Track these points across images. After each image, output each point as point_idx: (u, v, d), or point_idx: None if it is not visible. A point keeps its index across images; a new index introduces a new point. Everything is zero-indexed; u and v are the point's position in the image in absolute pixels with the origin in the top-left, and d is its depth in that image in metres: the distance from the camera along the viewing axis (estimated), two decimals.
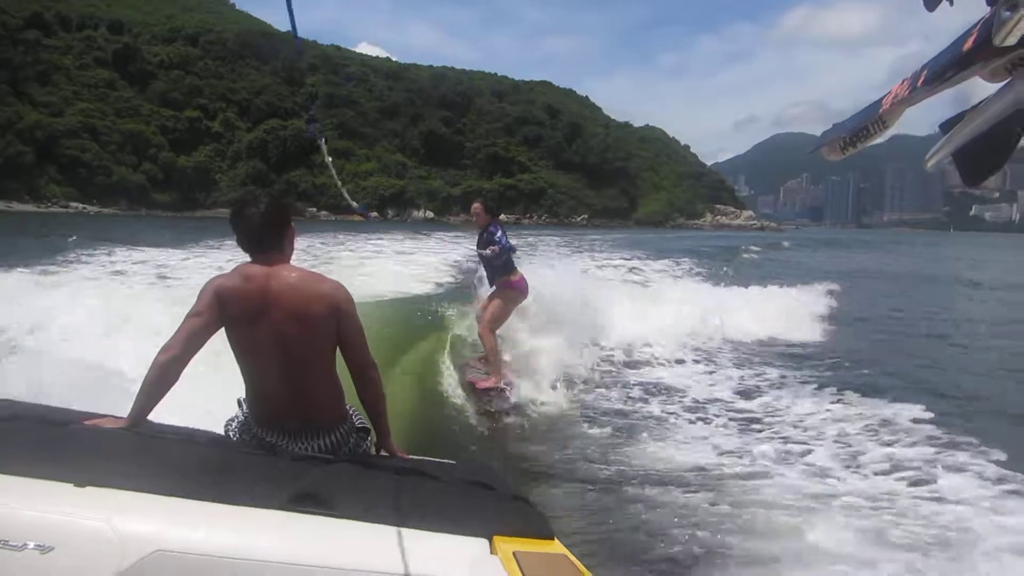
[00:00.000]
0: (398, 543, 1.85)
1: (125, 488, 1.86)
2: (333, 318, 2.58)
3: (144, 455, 2.15)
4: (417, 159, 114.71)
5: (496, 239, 7.42)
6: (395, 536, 1.87)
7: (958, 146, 1.52)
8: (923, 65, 1.58)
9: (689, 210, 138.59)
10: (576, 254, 26.17)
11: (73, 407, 2.85)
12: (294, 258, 2.80)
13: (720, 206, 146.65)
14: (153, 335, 5.07)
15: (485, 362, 7.86)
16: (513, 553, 1.88)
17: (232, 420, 2.79)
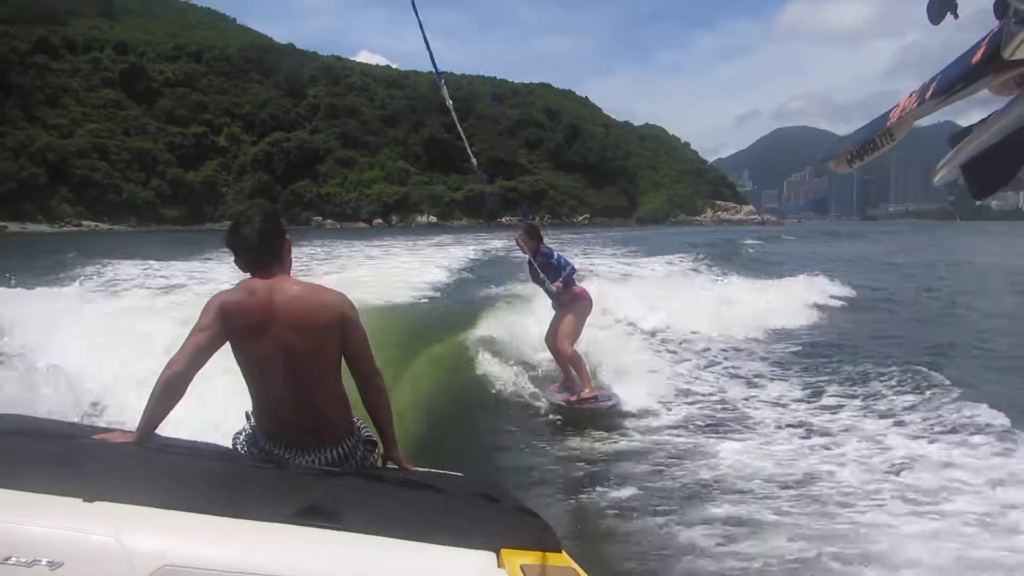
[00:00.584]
0: (405, 556, 1.86)
1: (133, 503, 1.88)
2: (338, 328, 2.60)
3: (152, 469, 2.16)
4: (419, 165, 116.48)
5: (555, 261, 7.26)
6: (402, 549, 1.88)
7: (967, 159, 1.52)
8: (931, 78, 1.58)
9: (689, 207, 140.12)
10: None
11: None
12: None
13: (720, 202, 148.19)
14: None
15: (563, 384, 7.71)
16: (520, 566, 1.87)
17: (239, 433, 2.81)
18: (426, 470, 2.83)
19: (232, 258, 2.72)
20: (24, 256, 28.35)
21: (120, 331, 7.65)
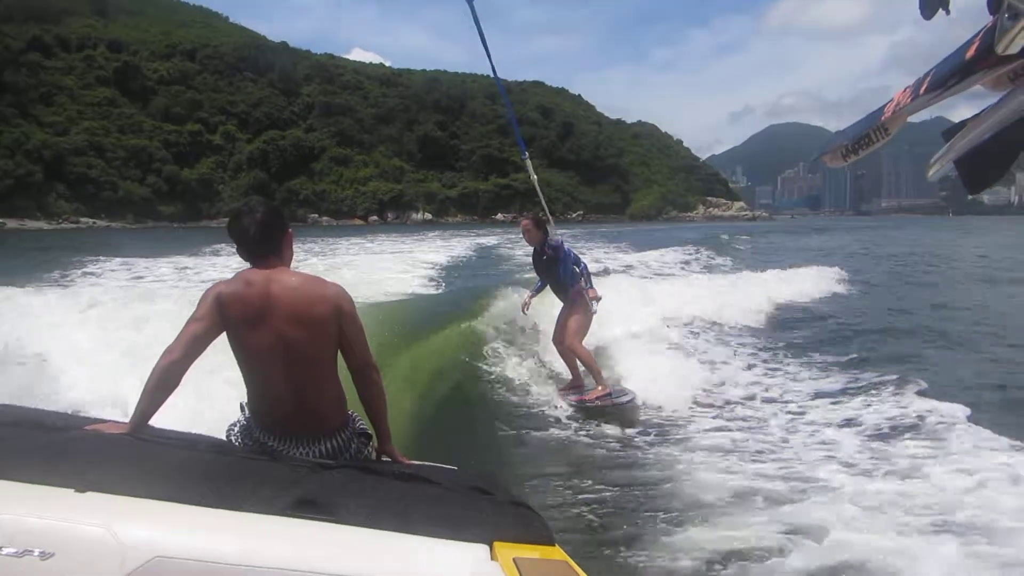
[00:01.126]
0: (399, 548, 1.87)
1: (126, 494, 1.88)
2: (335, 320, 2.60)
3: (145, 460, 2.15)
4: (414, 163, 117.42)
5: (564, 258, 6.99)
6: (396, 541, 1.89)
7: (960, 154, 1.51)
8: (925, 73, 1.58)
9: (681, 203, 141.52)
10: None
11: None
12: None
13: (712, 198, 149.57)
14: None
15: (570, 383, 7.49)
16: (514, 559, 1.88)
17: (234, 425, 2.79)
18: (420, 463, 2.84)
19: (217, 259, 3.04)
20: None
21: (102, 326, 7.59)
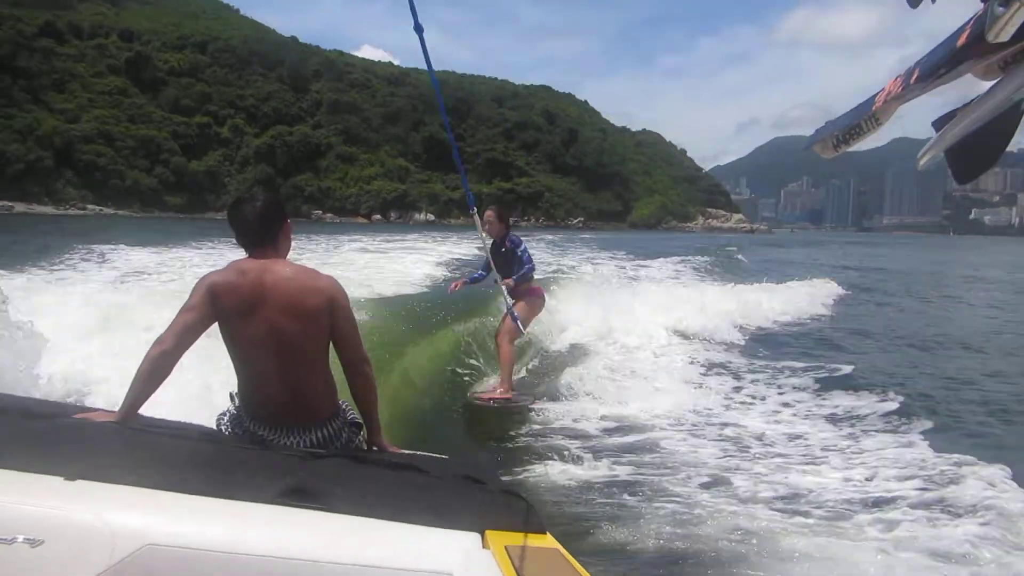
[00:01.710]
0: (390, 537, 1.87)
1: (116, 482, 1.87)
2: (328, 312, 2.60)
3: (135, 449, 2.14)
4: (419, 163, 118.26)
5: (519, 255, 7.05)
6: (387, 530, 1.90)
7: (950, 144, 1.50)
8: (916, 62, 1.56)
9: (681, 213, 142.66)
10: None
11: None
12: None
13: (712, 209, 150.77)
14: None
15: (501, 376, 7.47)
16: (505, 547, 1.88)
17: (224, 414, 2.79)
18: (411, 452, 2.88)
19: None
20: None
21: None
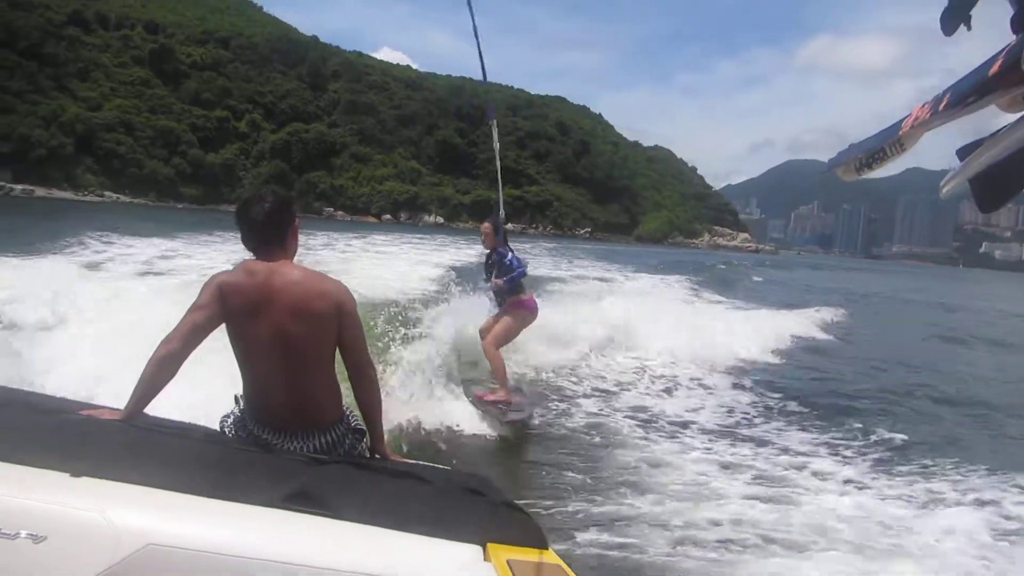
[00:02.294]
0: (392, 546, 1.87)
1: (120, 480, 1.87)
2: (335, 316, 2.59)
3: (140, 448, 2.14)
4: (431, 167, 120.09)
5: (507, 262, 7.22)
6: (389, 538, 1.90)
7: (975, 173, 1.49)
8: (946, 89, 1.54)
9: (688, 229, 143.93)
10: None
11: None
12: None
13: (718, 227, 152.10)
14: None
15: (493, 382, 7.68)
16: (507, 561, 1.88)
17: (228, 416, 2.78)
18: (413, 462, 2.87)
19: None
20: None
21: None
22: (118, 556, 1.64)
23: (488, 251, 7.55)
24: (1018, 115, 1.42)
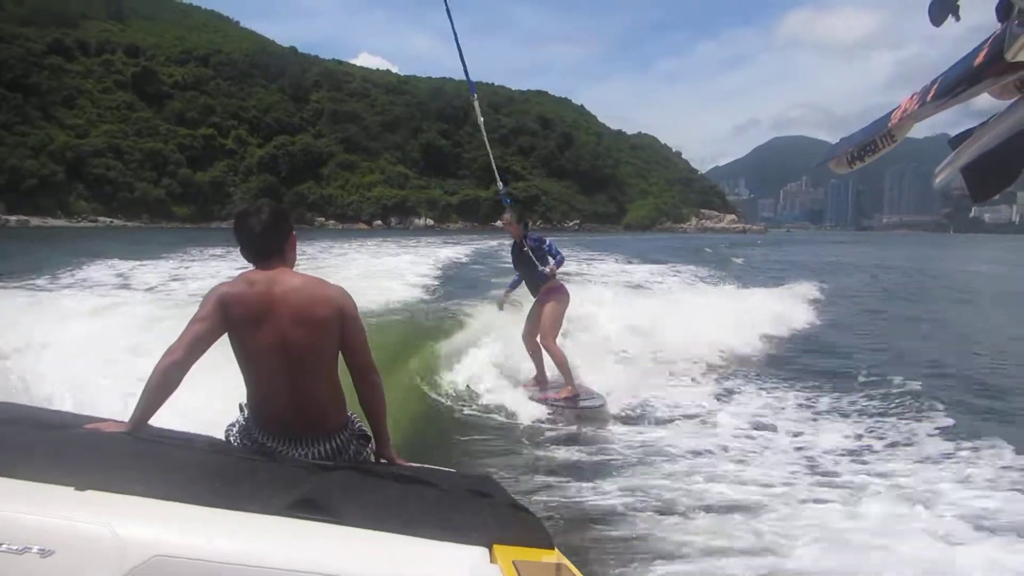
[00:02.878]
0: (398, 550, 1.88)
1: (126, 492, 1.88)
2: (337, 321, 2.60)
3: (145, 459, 2.16)
4: (417, 170, 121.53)
5: (547, 249, 7.25)
6: (395, 543, 1.90)
7: (967, 162, 1.51)
8: (933, 80, 1.56)
9: (675, 215, 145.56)
10: None
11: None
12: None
13: (705, 210, 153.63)
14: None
15: (535, 379, 7.72)
16: (513, 562, 1.87)
17: (233, 425, 2.79)
18: (418, 465, 2.88)
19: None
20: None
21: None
22: (125, 568, 1.65)
23: (516, 241, 7.43)
24: (1008, 103, 1.43)
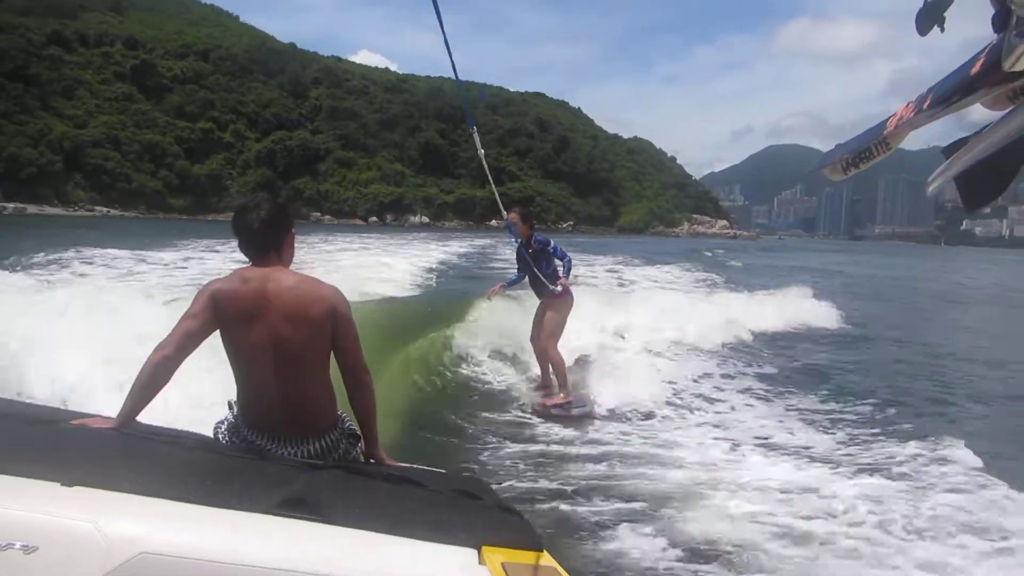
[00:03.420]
0: (386, 550, 1.86)
1: (112, 489, 1.85)
2: (329, 321, 2.58)
3: (132, 456, 2.12)
4: (414, 168, 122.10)
5: (551, 251, 7.15)
6: (383, 543, 1.88)
7: (960, 171, 1.51)
8: (929, 89, 1.56)
9: (668, 219, 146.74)
10: None
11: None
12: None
13: (697, 216, 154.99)
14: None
15: (541, 384, 7.67)
16: (502, 564, 1.86)
17: (222, 422, 2.76)
18: (408, 465, 2.86)
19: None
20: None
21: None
22: (111, 565, 1.64)
23: (522, 240, 7.30)
24: (1001, 113, 1.45)
